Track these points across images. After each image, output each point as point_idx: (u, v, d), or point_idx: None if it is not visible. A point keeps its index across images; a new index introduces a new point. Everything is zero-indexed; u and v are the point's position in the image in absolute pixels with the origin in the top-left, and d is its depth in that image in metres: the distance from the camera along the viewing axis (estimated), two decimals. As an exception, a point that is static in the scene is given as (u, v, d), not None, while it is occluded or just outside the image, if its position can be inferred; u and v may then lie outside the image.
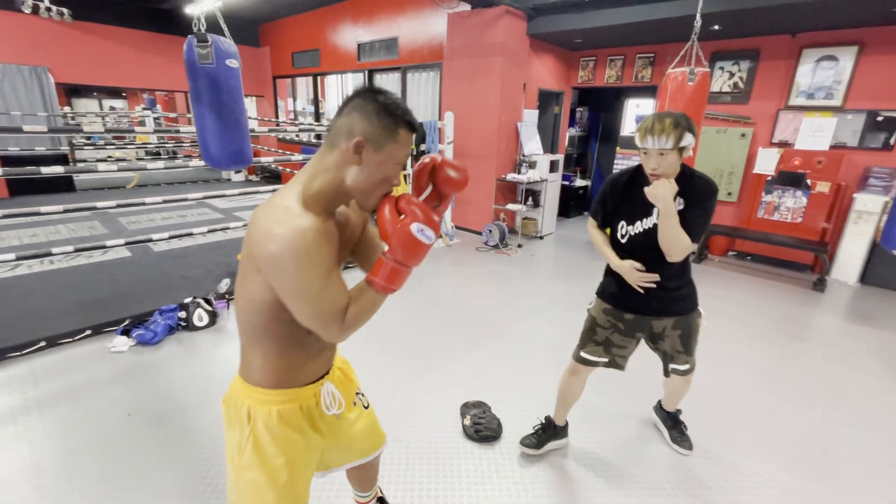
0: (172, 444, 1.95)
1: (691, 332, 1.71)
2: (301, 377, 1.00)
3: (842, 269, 4.30)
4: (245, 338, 0.96)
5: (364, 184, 0.86)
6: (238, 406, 0.98)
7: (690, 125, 1.42)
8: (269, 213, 0.82)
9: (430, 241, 0.87)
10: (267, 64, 8.50)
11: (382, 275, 0.88)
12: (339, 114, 0.86)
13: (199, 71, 2.47)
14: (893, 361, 2.88)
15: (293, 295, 0.82)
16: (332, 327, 0.86)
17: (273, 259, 0.79)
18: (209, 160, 2.66)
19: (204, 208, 6.47)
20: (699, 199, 1.49)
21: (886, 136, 4.09)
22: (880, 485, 1.86)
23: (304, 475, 1.04)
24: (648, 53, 5.29)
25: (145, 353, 2.69)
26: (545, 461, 1.93)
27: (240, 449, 0.97)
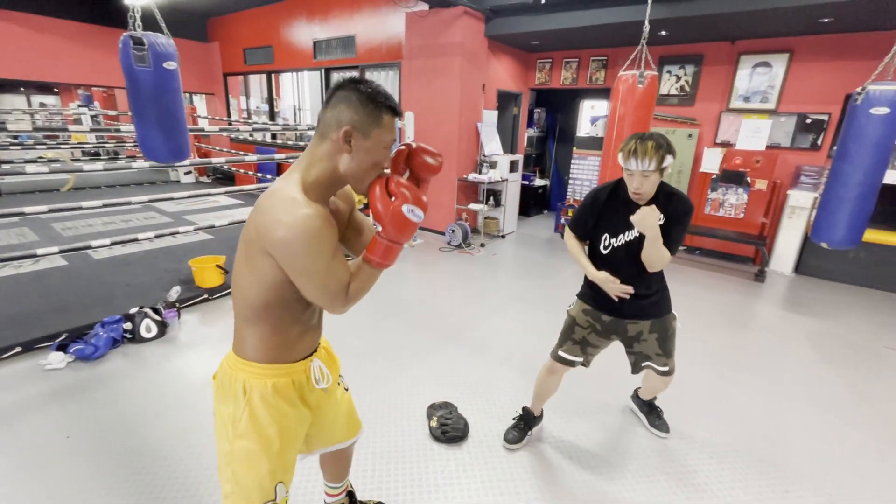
0: (118, 468, 1.81)
1: (668, 334, 1.80)
2: (293, 353, 1.06)
3: (779, 261, 4.63)
4: (242, 317, 1.01)
5: (356, 169, 0.93)
6: (232, 380, 1.03)
7: (671, 147, 1.51)
8: (275, 204, 0.88)
9: (419, 220, 0.95)
10: (217, 60, 8.12)
11: (378, 252, 0.95)
12: (325, 107, 0.93)
13: (137, 74, 2.40)
14: (824, 345, 3.12)
15: (303, 274, 0.90)
16: (336, 301, 0.95)
17: (284, 244, 0.86)
18: (151, 156, 2.65)
19: (150, 212, 6.10)
20: (679, 216, 1.60)
21: (814, 137, 4.44)
22: (817, 461, 2.01)
23: (293, 446, 1.09)
24: (602, 56, 5.48)
25: (85, 369, 2.49)
26: (513, 456, 1.95)
27: (235, 420, 1.02)
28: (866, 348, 3.10)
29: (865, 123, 2.26)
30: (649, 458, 1.98)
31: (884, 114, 2.21)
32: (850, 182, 2.36)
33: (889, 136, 2.25)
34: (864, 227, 2.42)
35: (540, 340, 2.99)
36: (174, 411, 2.15)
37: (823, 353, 3.01)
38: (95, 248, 3.23)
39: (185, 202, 6.54)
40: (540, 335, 3.04)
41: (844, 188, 2.39)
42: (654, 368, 1.87)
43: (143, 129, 2.55)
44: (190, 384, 2.38)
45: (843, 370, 2.80)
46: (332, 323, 3.30)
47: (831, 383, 2.64)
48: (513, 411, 2.19)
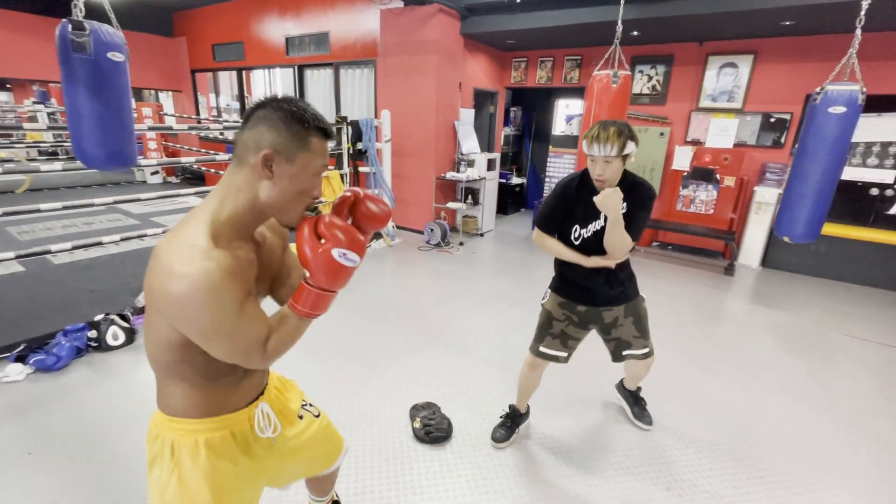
0: (86, 484, 1.72)
1: (641, 315, 1.86)
2: (230, 402, 0.94)
3: (747, 255, 4.81)
4: (160, 372, 0.89)
5: (279, 199, 0.81)
6: (161, 441, 0.90)
7: (633, 134, 1.53)
8: (172, 250, 0.75)
9: (353, 265, 0.84)
10: (184, 56, 7.84)
11: (305, 301, 0.84)
12: (243, 127, 0.80)
13: (74, 62, 2.09)
14: (789, 335, 3.26)
15: (205, 336, 0.77)
16: (252, 360, 0.83)
17: (177, 301, 0.73)
18: (83, 158, 2.29)
19: (115, 214, 5.84)
20: (642, 202, 1.63)
21: (777, 136, 4.63)
22: (787, 445, 2.10)
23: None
24: (576, 56, 5.56)
25: (47, 380, 2.36)
26: (497, 454, 1.95)
27: (161, 487, 0.89)
28: (828, 337, 3.25)
29: (824, 122, 2.36)
30: (630, 452, 2.01)
31: (841, 112, 2.31)
32: (809, 178, 2.46)
33: (845, 134, 2.35)
34: (823, 221, 2.53)
35: (521, 338, 3.01)
36: (143, 422, 2.05)
37: (789, 342, 3.14)
38: (55, 253, 3.07)
39: (152, 203, 6.29)
40: (520, 332, 3.06)
41: (805, 184, 2.49)
42: (634, 355, 1.91)
43: (77, 127, 2.19)
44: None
45: (807, 358, 2.92)
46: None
47: (796, 371, 2.76)
48: (496, 409, 2.20)
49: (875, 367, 2.86)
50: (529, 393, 2.04)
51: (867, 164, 4.33)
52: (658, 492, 1.79)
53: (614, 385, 2.36)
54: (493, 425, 2.09)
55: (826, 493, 1.82)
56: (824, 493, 1.82)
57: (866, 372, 2.79)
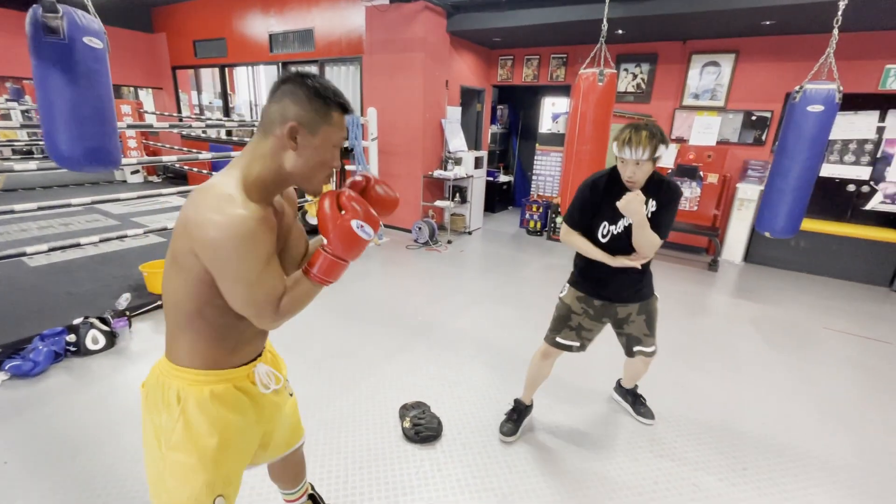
0: (67, 492, 1.67)
1: (652, 314, 1.90)
2: (234, 358, 0.99)
3: (730, 251, 4.90)
4: (173, 323, 0.94)
5: (304, 168, 0.88)
6: (165, 388, 0.95)
7: (664, 137, 1.56)
8: (208, 200, 0.81)
9: (368, 238, 0.90)
10: (164, 52, 7.67)
11: (320, 267, 0.90)
12: (269, 100, 0.87)
13: (46, 47, 1.89)
14: (772, 329, 3.33)
15: (231, 280, 0.83)
16: (265, 314, 0.87)
17: (213, 245, 0.79)
18: (56, 157, 2.06)
19: (94, 214, 5.69)
20: (670, 202, 1.67)
21: (759, 133, 4.72)
22: (770, 437, 2.14)
23: (238, 457, 1.02)
24: (562, 54, 5.58)
25: (23, 386, 2.29)
26: (487, 454, 1.95)
27: (167, 431, 0.93)
28: (807, 329, 3.33)
29: (803, 120, 2.41)
30: (617, 447, 2.03)
31: (819, 111, 2.36)
32: (789, 175, 2.52)
33: (823, 132, 2.41)
34: (802, 216, 2.59)
35: (509, 335, 3.02)
36: (127, 428, 2.01)
37: (770, 336, 3.21)
38: (31, 255, 2.97)
39: (132, 203, 6.15)
40: (509, 330, 3.07)
41: (784, 181, 2.54)
42: (644, 352, 1.94)
43: (50, 122, 1.97)
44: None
45: (788, 351, 2.99)
46: (295, 327, 3.18)
47: (778, 364, 2.81)
48: (486, 407, 2.21)
49: (853, 358, 2.94)
50: (538, 383, 2.06)
51: (844, 160, 4.44)
52: (646, 485, 1.81)
53: (612, 388, 2.38)
54: (483, 424, 2.10)
55: (808, 483, 1.86)
56: (807, 483, 1.87)
57: (845, 364, 2.87)
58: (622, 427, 2.16)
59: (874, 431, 2.21)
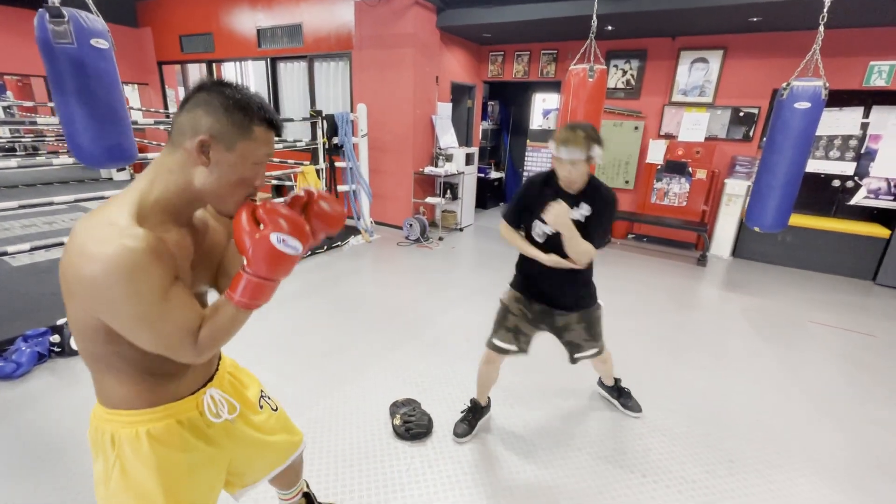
0: (50, 493, 1.64)
1: (593, 322, 1.89)
2: (175, 391, 0.89)
3: (718, 246, 4.95)
4: (90, 364, 0.84)
5: (216, 186, 0.78)
6: (100, 433, 0.87)
7: (598, 138, 1.58)
8: (88, 229, 0.70)
9: (295, 253, 0.79)
10: (150, 47, 7.53)
11: (243, 290, 0.79)
12: (180, 110, 0.77)
13: (57, 53, 2.03)
14: (759, 322, 3.37)
15: (125, 323, 0.72)
16: (182, 351, 0.77)
17: (92, 284, 0.68)
18: (81, 157, 2.23)
19: (78, 212, 5.58)
20: (604, 208, 1.65)
21: (746, 129, 4.76)
22: (757, 429, 2.17)
23: (191, 495, 0.93)
24: (552, 50, 5.58)
25: (6, 388, 2.24)
26: (476, 449, 1.96)
27: (106, 478, 0.87)
28: (794, 323, 3.38)
29: (790, 116, 2.44)
30: (605, 442, 2.05)
31: (806, 108, 2.39)
32: (777, 170, 2.55)
33: (810, 128, 2.44)
34: (790, 211, 2.63)
35: (500, 331, 3.02)
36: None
37: (758, 329, 3.25)
38: (13, 255, 2.91)
39: (119, 201, 6.05)
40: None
41: (773, 176, 2.57)
42: (586, 356, 1.94)
43: (70, 123, 2.13)
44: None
45: (775, 344, 3.03)
46: (283, 325, 3.14)
47: (765, 357, 2.85)
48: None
49: (838, 351, 2.99)
50: (488, 387, 2.05)
51: (829, 156, 4.50)
52: (634, 478, 1.83)
53: (596, 384, 2.39)
54: (473, 420, 2.10)
55: (794, 475, 1.89)
56: (792, 474, 1.90)
57: (829, 356, 2.92)
58: (611, 421, 2.18)
59: (858, 422, 2.25)
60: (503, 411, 2.21)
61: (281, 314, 3.11)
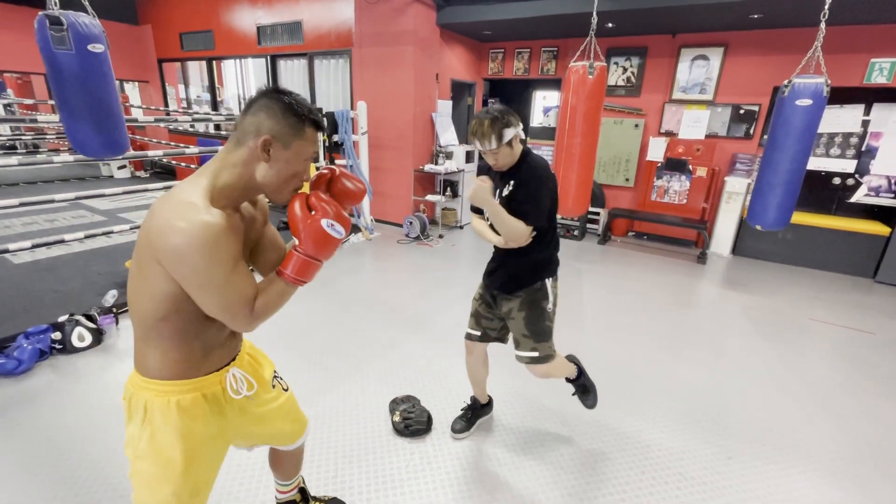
0: (53, 490, 1.65)
1: (536, 315, 1.68)
2: (203, 367, 0.99)
3: (718, 243, 4.95)
4: (141, 332, 0.94)
5: (275, 179, 0.90)
6: (135, 399, 0.97)
7: (508, 120, 1.51)
8: (170, 208, 0.82)
9: (340, 236, 0.92)
10: (150, 45, 7.53)
11: (293, 267, 0.92)
12: (245, 112, 0.89)
13: (57, 57, 2.15)
14: (758, 320, 3.38)
15: (199, 287, 0.84)
16: (239, 316, 0.89)
17: (177, 252, 0.80)
18: (78, 147, 2.40)
19: (80, 210, 5.60)
20: (530, 180, 1.57)
21: (747, 127, 4.75)
22: (755, 426, 2.18)
23: (204, 466, 1.03)
24: (552, 47, 5.57)
25: (8, 385, 2.26)
26: (476, 446, 1.97)
27: (135, 440, 0.96)
28: (794, 321, 3.38)
29: (791, 114, 2.43)
30: (605, 438, 2.05)
31: (807, 105, 2.38)
32: (779, 168, 2.54)
33: (812, 125, 2.43)
34: (792, 209, 2.62)
35: (500, 329, 3.03)
36: (114, 426, 1.99)
37: (757, 326, 3.26)
38: (14, 252, 2.92)
39: (119, 199, 6.07)
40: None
41: (774, 174, 2.57)
42: (519, 356, 1.74)
43: (70, 120, 2.30)
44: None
45: (775, 342, 3.03)
46: (284, 322, 3.15)
47: (764, 354, 2.86)
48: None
49: (837, 348, 2.99)
50: (478, 381, 2.03)
51: (830, 154, 4.50)
52: (633, 475, 1.83)
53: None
54: (472, 417, 2.10)
55: (792, 471, 1.90)
56: (790, 470, 1.90)
57: (829, 353, 2.92)
58: (610, 418, 2.19)
59: (855, 419, 2.26)
60: (502, 408, 2.22)
61: (282, 312, 3.11)
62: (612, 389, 2.35)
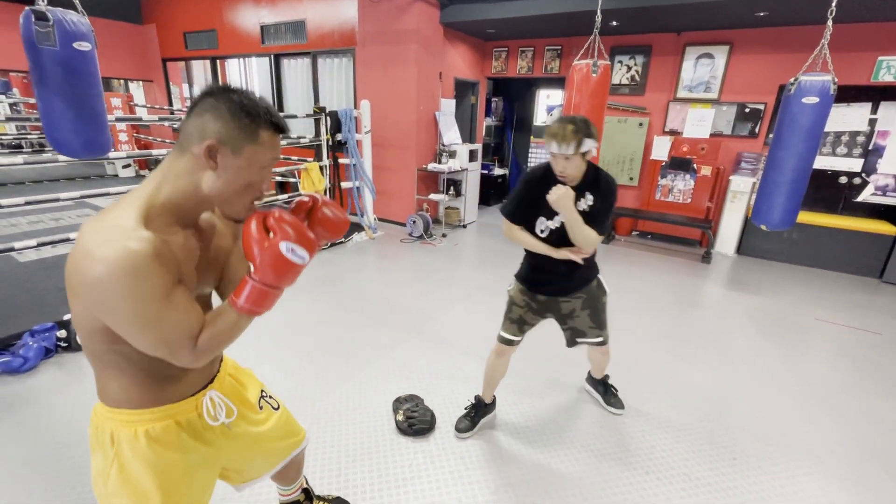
0: (58, 486, 1.66)
1: (598, 309, 1.90)
2: (173, 393, 0.90)
3: (723, 243, 4.92)
4: (93, 362, 0.85)
5: (223, 191, 0.79)
6: (100, 430, 0.88)
7: (590, 131, 1.54)
8: (94, 231, 0.71)
9: (302, 262, 0.80)
10: (154, 44, 7.55)
11: (248, 297, 0.79)
12: (188, 115, 0.78)
13: (40, 53, 2.09)
14: (763, 320, 3.36)
15: (125, 325, 0.73)
16: (180, 354, 0.77)
17: (94, 285, 0.68)
18: (58, 148, 2.33)
19: (85, 209, 5.63)
20: (607, 195, 1.66)
21: (752, 126, 4.72)
22: (760, 427, 2.16)
23: (186, 496, 0.94)
24: (556, 46, 5.55)
25: (14, 383, 2.27)
26: (479, 445, 1.96)
27: (104, 476, 0.87)
28: (800, 321, 3.36)
29: (798, 112, 2.41)
30: (609, 438, 2.05)
31: (814, 103, 2.36)
32: (785, 167, 2.52)
33: (818, 124, 2.41)
34: (798, 208, 2.60)
35: (503, 328, 3.02)
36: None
37: (762, 327, 3.24)
38: (20, 251, 2.94)
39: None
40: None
41: (780, 173, 2.55)
42: (588, 342, 1.97)
43: (50, 118, 2.23)
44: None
45: (780, 342, 3.02)
46: (287, 321, 3.16)
47: (770, 354, 2.84)
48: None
49: (843, 349, 2.97)
50: (495, 382, 2.05)
51: (836, 152, 4.46)
52: (637, 475, 1.83)
53: (584, 379, 2.38)
54: (476, 416, 2.10)
55: (797, 472, 1.88)
56: (795, 471, 1.89)
57: (835, 354, 2.90)
58: (614, 418, 2.18)
59: (863, 420, 2.24)
60: (506, 408, 2.21)
61: (284, 311, 3.12)
62: (616, 390, 2.34)
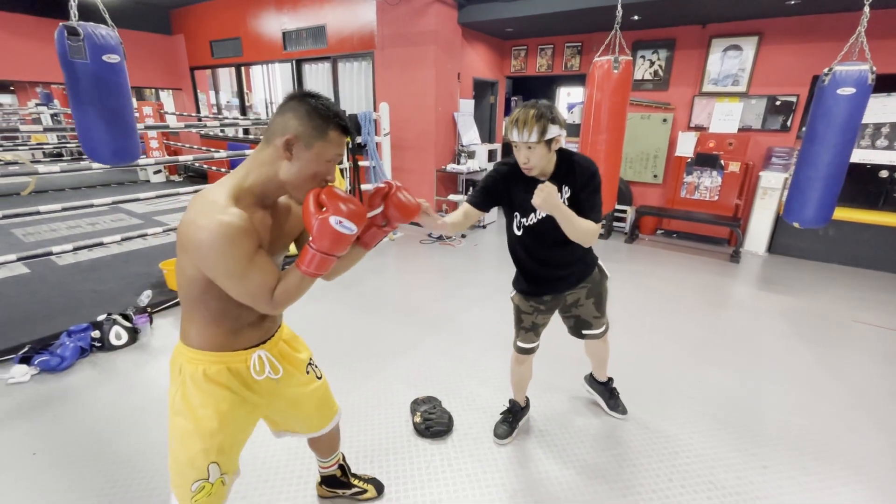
0: (90, 482, 1.73)
1: (602, 296, 1.87)
2: (233, 343, 1.08)
3: (752, 241, 4.73)
4: (184, 308, 1.07)
5: (294, 178, 0.96)
6: (175, 363, 1.10)
7: (555, 117, 1.40)
8: (198, 205, 0.92)
9: (350, 232, 0.94)
10: (182, 54, 7.81)
11: (308, 261, 0.96)
12: (276, 113, 0.97)
13: (73, 66, 2.24)
14: (797, 322, 3.21)
15: (219, 276, 0.93)
16: (260, 303, 0.97)
17: (197, 246, 0.89)
18: (92, 155, 2.49)
19: (118, 213, 5.87)
20: (587, 182, 1.51)
21: (784, 119, 4.53)
22: (793, 434, 2.06)
23: (233, 430, 1.11)
24: (576, 42, 5.46)
25: (52, 381, 2.38)
26: (497, 449, 1.94)
27: (172, 397, 1.08)
28: (837, 323, 3.20)
29: (833, 104, 2.30)
30: (631, 443, 2.00)
31: (850, 94, 2.25)
32: (819, 162, 2.41)
33: (855, 116, 2.29)
34: (834, 205, 2.48)
35: (523, 330, 2.99)
36: (148, 421, 2.08)
37: (797, 328, 3.10)
38: (58, 255, 3.08)
39: (154, 202, 6.31)
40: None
41: (814, 168, 2.43)
42: (594, 335, 1.93)
43: (84, 127, 2.38)
44: (164, 391, 2.29)
45: (815, 345, 2.88)
46: (308, 321, 3.21)
47: (803, 358, 2.71)
48: (497, 402, 2.19)
49: (884, 353, 2.81)
50: (524, 386, 2.03)
51: (876, 145, 4.23)
52: (660, 482, 1.77)
53: (583, 379, 2.29)
54: (494, 419, 2.08)
55: (834, 483, 1.79)
56: (831, 482, 1.80)
57: (875, 358, 2.75)
58: (635, 422, 2.12)
59: (905, 429, 2.11)
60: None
61: (305, 311, 3.17)
62: (640, 393, 2.28)
